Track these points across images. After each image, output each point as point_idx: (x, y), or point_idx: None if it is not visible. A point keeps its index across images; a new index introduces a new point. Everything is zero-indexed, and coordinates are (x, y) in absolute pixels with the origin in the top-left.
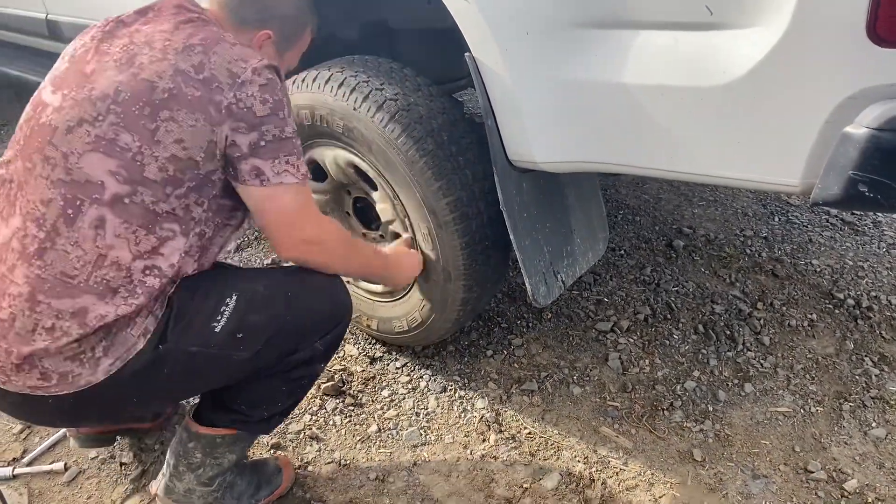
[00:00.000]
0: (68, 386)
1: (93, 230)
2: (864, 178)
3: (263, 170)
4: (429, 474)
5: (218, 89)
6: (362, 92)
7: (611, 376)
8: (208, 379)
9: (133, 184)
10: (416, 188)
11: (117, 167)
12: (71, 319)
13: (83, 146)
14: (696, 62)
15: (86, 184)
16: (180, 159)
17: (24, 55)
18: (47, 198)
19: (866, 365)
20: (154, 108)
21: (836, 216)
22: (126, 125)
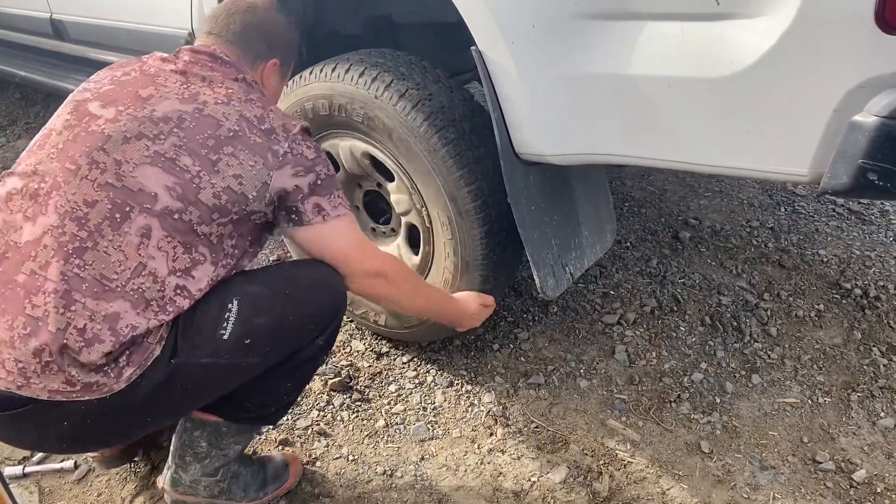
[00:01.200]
0: (91, 394)
1: (138, 237)
2: (874, 167)
3: (323, 206)
4: (436, 468)
5: (276, 140)
6: (384, 81)
7: (618, 369)
8: (223, 388)
9: (186, 202)
10: (438, 177)
11: (174, 184)
12: (103, 323)
13: (140, 158)
14: (704, 53)
15: (138, 192)
16: (234, 192)
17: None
18: (93, 199)
19: (874, 355)
20: (218, 142)
21: (842, 205)
22: (189, 150)
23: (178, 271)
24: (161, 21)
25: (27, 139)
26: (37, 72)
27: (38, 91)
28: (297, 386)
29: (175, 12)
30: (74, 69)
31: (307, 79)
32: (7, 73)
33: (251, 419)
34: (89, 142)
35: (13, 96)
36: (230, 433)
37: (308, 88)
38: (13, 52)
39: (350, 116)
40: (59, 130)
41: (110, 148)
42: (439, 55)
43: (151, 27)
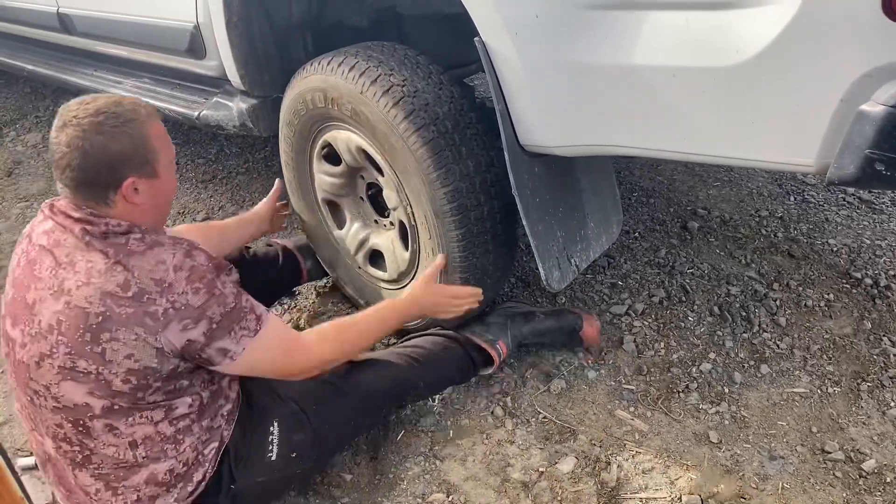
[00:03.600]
0: None
1: (110, 434)
2: (881, 157)
3: (227, 347)
4: (445, 459)
5: (150, 301)
6: (370, 76)
7: (626, 359)
8: (285, 491)
9: (111, 396)
10: (416, 176)
11: (91, 389)
12: (147, 485)
13: (53, 377)
14: (709, 42)
15: (75, 407)
16: (137, 370)
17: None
18: (57, 422)
19: (884, 344)
20: (93, 333)
21: (852, 195)
22: (77, 353)
23: (163, 420)
24: (166, 14)
25: (36, 133)
26: (44, 66)
27: (46, 85)
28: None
29: (180, 5)
30: (82, 63)
31: (308, 71)
32: (15, 68)
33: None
34: (22, 373)
35: (22, 90)
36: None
37: (307, 81)
38: (21, 46)
39: (341, 110)
40: (4, 357)
41: (34, 376)
42: (444, 46)
43: (157, 20)
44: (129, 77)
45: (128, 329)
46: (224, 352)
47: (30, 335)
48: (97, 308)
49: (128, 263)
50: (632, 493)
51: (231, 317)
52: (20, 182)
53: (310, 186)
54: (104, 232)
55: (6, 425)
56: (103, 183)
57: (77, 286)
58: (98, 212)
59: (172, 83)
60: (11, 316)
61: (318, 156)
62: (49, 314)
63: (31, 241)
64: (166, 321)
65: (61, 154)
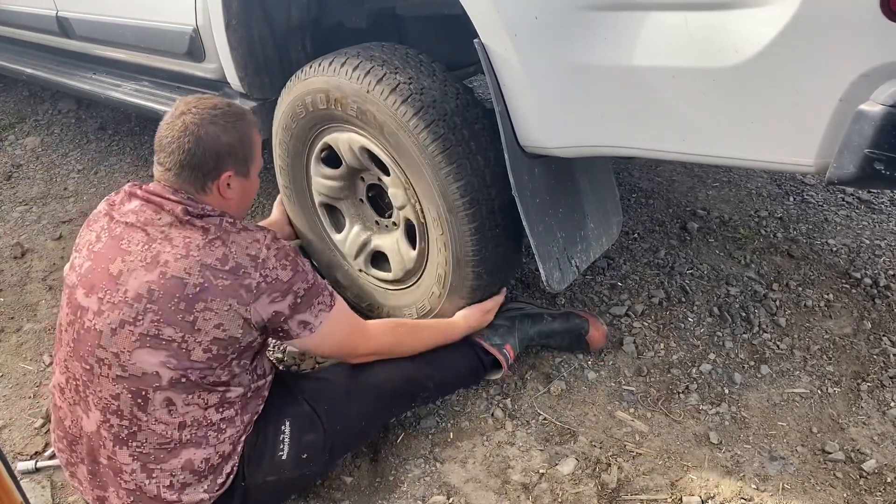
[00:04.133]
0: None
1: (165, 409)
2: (881, 156)
3: (307, 320)
4: (445, 461)
5: (245, 275)
6: (376, 75)
7: (626, 360)
8: (295, 492)
9: (183, 368)
10: (427, 172)
11: (166, 357)
12: (182, 472)
13: (130, 345)
14: (707, 43)
15: (143, 376)
16: (221, 339)
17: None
18: (115, 392)
19: (884, 344)
20: (188, 302)
21: (852, 195)
22: (166, 320)
23: (212, 405)
24: (165, 17)
25: (35, 137)
26: (43, 69)
27: (45, 89)
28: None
29: (179, 8)
30: (81, 66)
31: (307, 73)
32: (14, 72)
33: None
34: (89, 341)
35: (21, 94)
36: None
37: (308, 83)
38: (20, 49)
39: (345, 111)
40: (65, 327)
41: (105, 343)
42: (444, 48)
43: (156, 23)
44: (128, 80)
45: (222, 300)
46: (304, 324)
47: (110, 303)
48: (196, 279)
49: (226, 240)
50: (632, 494)
51: (311, 292)
52: (19, 186)
53: (306, 191)
54: (202, 213)
55: (6, 429)
56: (206, 170)
57: (175, 258)
58: (194, 197)
59: (172, 86)
60: (86, 286)
61: (317, 159)
62: (138, 283)
63: (114, 219)
64: (258, 293)
65: (173, 137)
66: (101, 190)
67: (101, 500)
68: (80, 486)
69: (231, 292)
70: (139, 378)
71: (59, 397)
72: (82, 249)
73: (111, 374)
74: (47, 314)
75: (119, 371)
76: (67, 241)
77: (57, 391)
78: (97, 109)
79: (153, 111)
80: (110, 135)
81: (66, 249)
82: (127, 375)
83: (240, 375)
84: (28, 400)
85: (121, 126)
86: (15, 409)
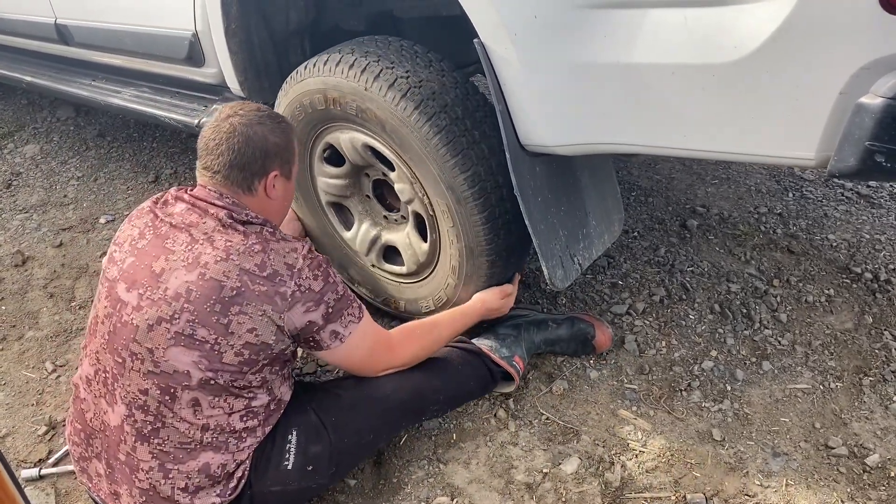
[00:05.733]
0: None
1: (191, 409)
2: (881, 148)
3: (338, 330)
4: (449, 462)
5: (281, 282)
6: (373, 71)
7: (628, 359)
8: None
9: (214, 370)
10: (433, 165)
11: (199, 357)
12: (199, 475)
13: (165, 342)
14: (707, 39)
15: (174, 374)
16: (254, 344)
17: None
18: (144, 387)
19: (886, 339)
20: (224, 305)
21: (851, 189)
22: (201, 321)
23: (237, 411)
24: (164, 23)
25: (34, 145)
26: (42, 77)
27: (44, 96)
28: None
29: (178, 14)
30: (80, 73)
31: (302, 74)
32: (13, 79)
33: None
34: (124, 335)
35: (20, 102)
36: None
37: (303, 84)
38: (19, 57)
39: (344, 109)
40: (101, 319)
41: (140, 338)
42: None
43: (155, 29)
44: (128, 86)
45: (257, 305)
46: (335, 334)
47: (150, 299)
48: (233, 283)
49: (266, 247)
50: (636, 492)
51: (341, 303)
52: (19, 194)
53: (312, 192)
54: (245, 220)
55: (9, 437)
56: (254, 169)
57: (215, 261)
58: (239, 201)
59: (171, 91)
60: (128, 280)
61: (320, 159)
62: (178, 283)
63: (159, 218)
64: (293, 302)
65: (221, 139)
66: (100, 197)
67: (115, 496)
68: (89, 482)
69: (266, 298)
70: (170, 375)
71: (85, 389)
72: (124, 244)
73: (143, 368)
74: (49, 322)
75: (151, 367)
76: (68, 249)
77: (83, 383)
78: (96, 116)
79: (153, 117)
80: (109, 141)
81: (67, 256)
82: (158, 371)
83: (269, 383)
84: (31, 408)
85: (119, 132)
86: (18, 416)
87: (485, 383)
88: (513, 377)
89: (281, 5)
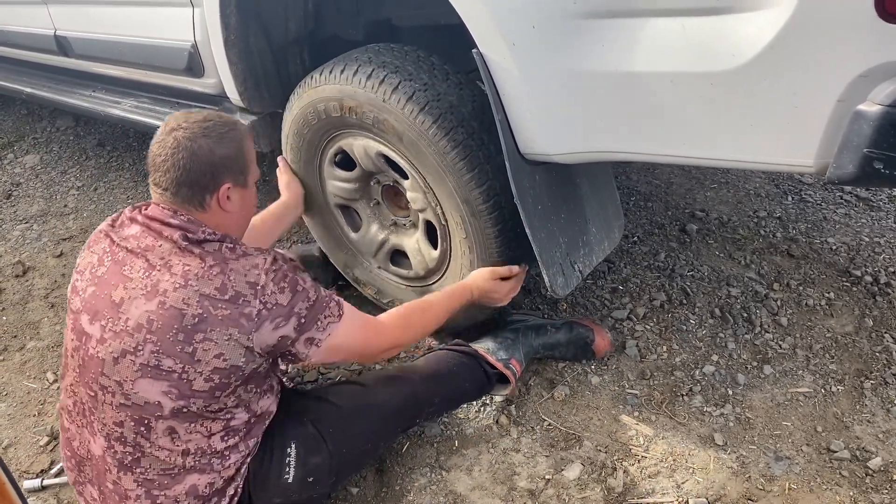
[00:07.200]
0: None
1: (168, 437)
2: (879, 155)
3: (314, 336)
4: (451, 470)
5: (245, 303)
6: (391, 83)
7: (629, 364)
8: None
9: (185, 398)
10: (449, 179)
11: (168, 387)
12: (187, 497)
13: (132, 374)
14: (705, 47)
15: (145, 405)
16: (223, 369)
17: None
18: (119, 419)
19: (886, 341)
20: (187, 333)
21: (850, 193)
22: (165, 351)
23: (216, 433)
24: (164, 34)
25: (34, 155)
26: (42, 88)
27: (43, 107)
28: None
29: (177, 25)
30: (80, 84)
31: (317, 80)
32: (13, 91)
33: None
34: (93, 368)
35: (19, 112)
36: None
37: (319, 90)
38: (19, 69)
39: (361, 119)
40: (70, 352)
41: (108, 371)
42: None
43: (155, 40)
44: (127, 97)
45: (222, 330)
46: (310, 341)
47: (112, 331)
48: (194, 310)
49: (225, 268)
50: (639, 497)
51: (315, 309)
52: (19, 204)
53: (320, 193)
54: (201, 240)
55: (12, 448)
56: (203, 185)
57: (174, 288)
58: (193, 218)
59: (171, 102)
60: (90, 312)
61: (331, 162)
62: (139, 313)
63: (115, 243)
64: (260, 321)
65: (166, 155)
66: (100, 206)
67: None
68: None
69: (231, 322)
70: (141, 407)
71: (67, 419)
72: (84, 272)
73: (114, 401)
74: (50, 332)
75: (122, 399)
76: (68, 259)
77: (65, 413)
78: (95, 126)
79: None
80: (109, 151)
81: (68, 266)
82: (130, 404)
83: (246, 401)
84: (33, 418)
85: (119, 142)
86: (20, 427)
87: (480, 385)
88: (509, 380)
89: (280, 15)
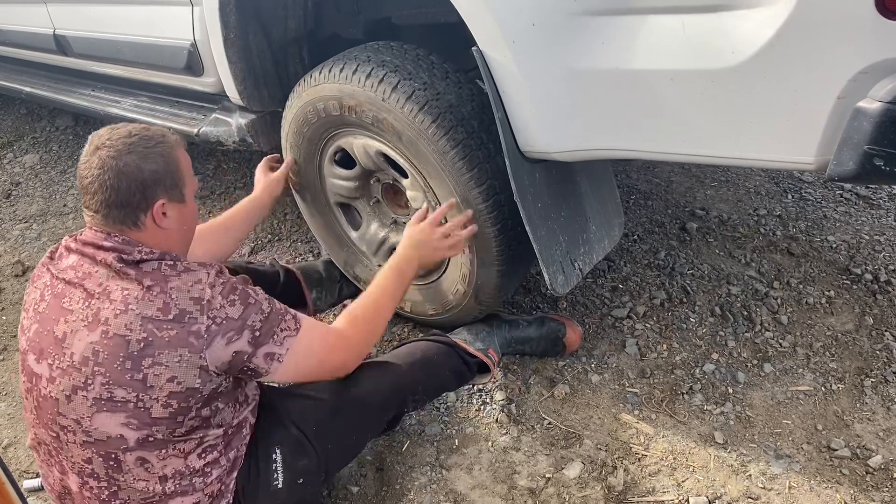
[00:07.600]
0: None
1: (141, 468)
2: (880, 152)
3: (273, 351)
4: (451, 468)
5: (192, 321)
6: (390, 82)
7: (629, 362)
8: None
9: (147, 426)
10: (448, 178)
11: (126, 419)
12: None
13: (87, 410)
14: (705, 45)
15: (108, 440)
16: (179, 392)
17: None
18: (86, 457)
19: (887, 339)
20: (135, 360)
21: (850, 191)
22: (115, 382)
23: (192, 452)
24: (163, 33)
25: (34, 155)
26: (42, 87)
27: (43, 106)
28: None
29: (177, 24)
30: (79, 83)
31: (316, 79)
32: (13, 90)
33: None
34: (48, 409)
35: (19, 112)
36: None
37: (318, 89)
38: (18, 68)
39: (360, 117)
40: (24, 395)
41: (63, 410)
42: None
43: (154, 39)
44: (127, 96)
45: (171, 352)
46: (271, 356)
47: (60, 368)
48: (138, 335)
49: (165, 287)
50: (639, 496)
51: (270, 321)
52: (19, 203)
53: (320, 191)
54: (137, 260)
55: (11, 447)
56: (135, 203)
57: (115, 314)
58: (129, 237)
59: (170, 101)
60: (36, 351)
61: (330, 161)
62: (83, 346)
63: (54, 276)
64: (210, 338)
65: (94, 176)
66: None
67: None
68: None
69: (179, 342)
70: (105, 442)
71: (38, 458)
72: (29, 309)
73: (77, 440)
74: None
75: (84, 437)
76: None
77: (34, 452)
78: (95, 125)
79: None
80: None
81: None
82: (93, 440)
83: (216, 417)
84: None
85: None
86: (20, 427)
87: (460, 373)
88: (489, 367)
89: (279, 14)
